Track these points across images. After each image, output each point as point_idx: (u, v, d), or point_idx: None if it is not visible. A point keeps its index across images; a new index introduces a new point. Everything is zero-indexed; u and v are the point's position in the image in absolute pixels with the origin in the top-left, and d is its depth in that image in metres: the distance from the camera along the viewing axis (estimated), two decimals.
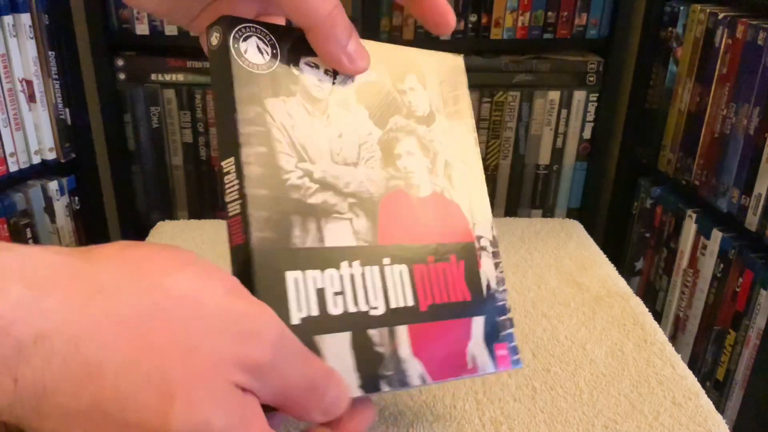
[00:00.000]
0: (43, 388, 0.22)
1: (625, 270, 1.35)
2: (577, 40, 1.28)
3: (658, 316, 1.26)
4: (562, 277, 0.62)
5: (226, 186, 0.31)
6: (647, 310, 0.57)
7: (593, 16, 1.26)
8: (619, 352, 0.51)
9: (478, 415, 0.44)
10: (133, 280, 0.25)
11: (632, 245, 1.35)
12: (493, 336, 0.37)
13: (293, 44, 0.34)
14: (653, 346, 0.52)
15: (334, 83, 0.35)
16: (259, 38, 0.33)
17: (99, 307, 0.23)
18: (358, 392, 0.31)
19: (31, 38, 1.10)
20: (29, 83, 1.10)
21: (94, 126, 1.25)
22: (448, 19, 0.37)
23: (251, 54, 0.32)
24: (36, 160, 1.14)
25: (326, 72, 0.35)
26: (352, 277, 0.33)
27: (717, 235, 1.09)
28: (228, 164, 0.31)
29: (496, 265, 0.39)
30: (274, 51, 0.33)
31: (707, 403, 0.46)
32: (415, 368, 0.33)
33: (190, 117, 1.28)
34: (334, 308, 0.31)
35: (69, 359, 0.22)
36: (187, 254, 0.28)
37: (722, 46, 1.07)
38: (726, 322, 1.08)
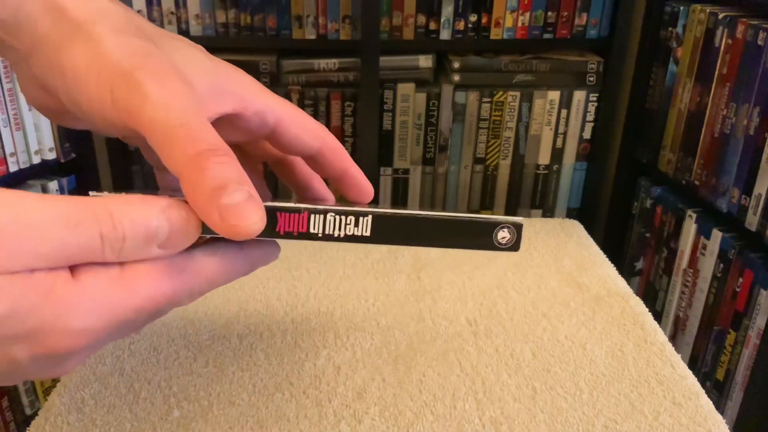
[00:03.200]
0: None
1: (625, 270, 1.35)
2: (577, 40, 1.28)
3: (658, 316, 1.26)
4: (562, 277, 0.62)
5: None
6: (647, 310, 0.57)
7: (593, 16, 1.26)
8: (619, 352, 0.51)
9: (478, 415, 0.44)
10: None
11: (632, 245, 1.35)
12: None
13: None
14: (653, 346, 0.52)
15: None
16: None
17: None
18: None
19: None
20: None
21: None
22: (367, 193, 0.38)
23: None
24: (36, 160, 1.14)
25: None
26: None
27: (717, 235, 1.09)
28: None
29: None
30: None
31: (707, 403, 0.46)
32: None
33: None
34: None
35: None
36: None
37: (722, 46, 1.07)
38: (726, 322, 1.08)
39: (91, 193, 0.28)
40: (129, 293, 0.25)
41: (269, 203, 0.27)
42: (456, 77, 1.28)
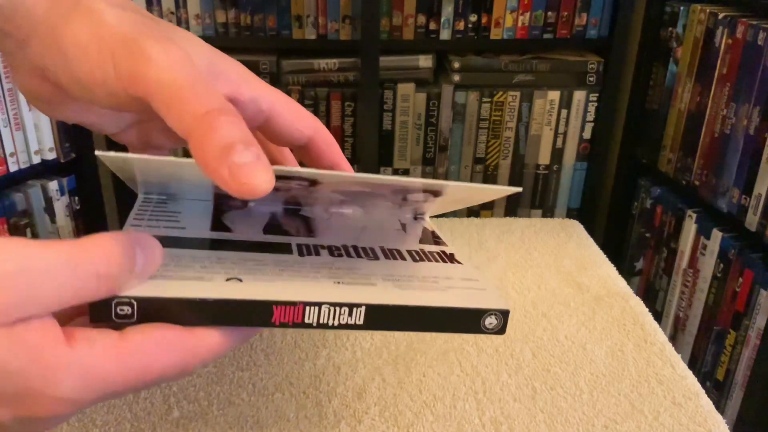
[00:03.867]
0: None
1: (625, 270, 1.35)
2: (577, 40, 1.28)
3: (658, 316, 1.26)
4: (562, 277, 0.62)
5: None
6: (647, 310, 0.57)
7: (593, 16, 1.26)
8: (619, 352, 0.51)
9: (478, 415, 0.44)
10: None
11: (632, 245, 1.35)
12: None
13: None
14: (653, 346, 0.52)
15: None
16: None
17: None
18: None
19: None
20: None
21: None
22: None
23: None
24: (36, 160, 1.14)
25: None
26: None
27: (717, 235, 1.09)
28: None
29: None
30: None
31: (707, 403, 0.46)
32: None
33: None
34: None
35: None
36: None
37: (722, 46, 1.07)
38: (726, 322, 1.08)
39: (97, 152, 0.28)
40: (122, 367, 0.24)
41: (265, 297, 0.28)
42: (456, 77, 1.28)
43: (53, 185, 1.19)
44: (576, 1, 1.25)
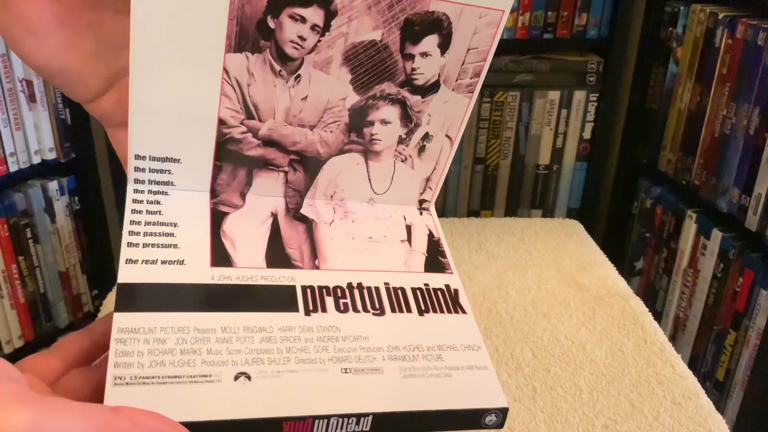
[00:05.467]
0: None
1: (625, 270, 1.35)
2: (577, 40, 1.28)
3: (658, 316, 1.26)
4: (562, 277, 0.62)
5: None
6: (647, 310, 0.57)
7: (593, 16, 1.26)
8: (619, 352, 0.51)
9: None
10: None
11: (632, 245, 1.35)
12: None
13: None
14: (653, 346, 0.52)
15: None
16: None
17: None
18: None
19: None
20: (29, 83, 1.10)
21: (94, 126, 1.25)
22: None
23: None
24: (36, 160, 1.14)
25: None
26: None
27: (717, 235, 1.09)
28: None
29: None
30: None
31: (707, 403, 0.46)
32: None
33: None
34: None
35: None
36: None
37: (722, 46, 1.07)
38: (726, 322, 1.08)
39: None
40: None
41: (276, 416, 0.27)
42: None
43: (53, 185, 1.19)
44: (576, 1, 1.25)
